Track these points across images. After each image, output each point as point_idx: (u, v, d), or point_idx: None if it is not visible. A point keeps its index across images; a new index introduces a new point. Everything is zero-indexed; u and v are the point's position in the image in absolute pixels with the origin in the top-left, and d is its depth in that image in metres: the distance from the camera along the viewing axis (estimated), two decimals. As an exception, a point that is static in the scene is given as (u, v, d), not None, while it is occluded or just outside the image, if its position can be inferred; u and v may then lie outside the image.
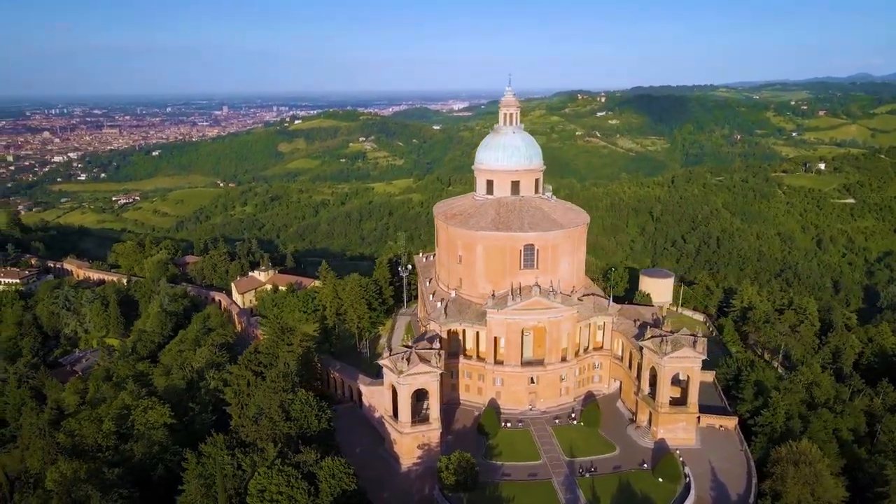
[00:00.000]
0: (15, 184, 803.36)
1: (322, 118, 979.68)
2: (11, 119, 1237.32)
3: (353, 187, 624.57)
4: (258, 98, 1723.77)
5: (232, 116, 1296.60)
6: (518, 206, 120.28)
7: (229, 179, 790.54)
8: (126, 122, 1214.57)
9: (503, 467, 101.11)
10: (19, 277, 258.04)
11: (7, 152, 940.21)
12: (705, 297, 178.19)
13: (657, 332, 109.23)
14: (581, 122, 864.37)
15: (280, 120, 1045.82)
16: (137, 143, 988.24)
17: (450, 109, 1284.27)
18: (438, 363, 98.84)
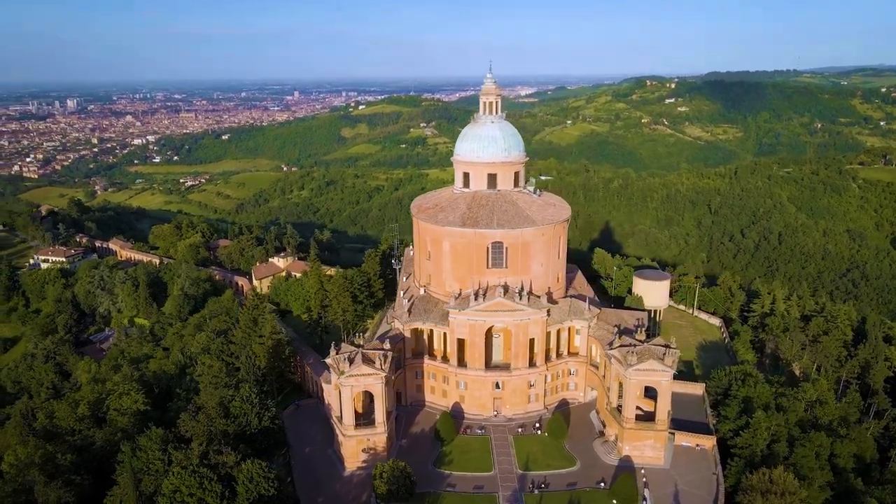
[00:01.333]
0: (97, 165, 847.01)
1: (385, 103, 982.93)
2: (100, 103, 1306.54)
3: (408, 173, 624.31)
4: (328, 83, 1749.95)
5: (302, 101, 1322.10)
6: (492, 200, 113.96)
7: (292, 163, 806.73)
8: (203, 106, 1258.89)
9: (450, 477, 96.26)
10: (65, 256, 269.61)
11: (93, 135, 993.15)
12: (726, 300, 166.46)
13: (627, 340, 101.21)
14: (648, 109, 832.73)
15: (345, 105, 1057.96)
16: (211, 126, 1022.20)
17: (516, 95, 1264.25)
18: (384, 365, 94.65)
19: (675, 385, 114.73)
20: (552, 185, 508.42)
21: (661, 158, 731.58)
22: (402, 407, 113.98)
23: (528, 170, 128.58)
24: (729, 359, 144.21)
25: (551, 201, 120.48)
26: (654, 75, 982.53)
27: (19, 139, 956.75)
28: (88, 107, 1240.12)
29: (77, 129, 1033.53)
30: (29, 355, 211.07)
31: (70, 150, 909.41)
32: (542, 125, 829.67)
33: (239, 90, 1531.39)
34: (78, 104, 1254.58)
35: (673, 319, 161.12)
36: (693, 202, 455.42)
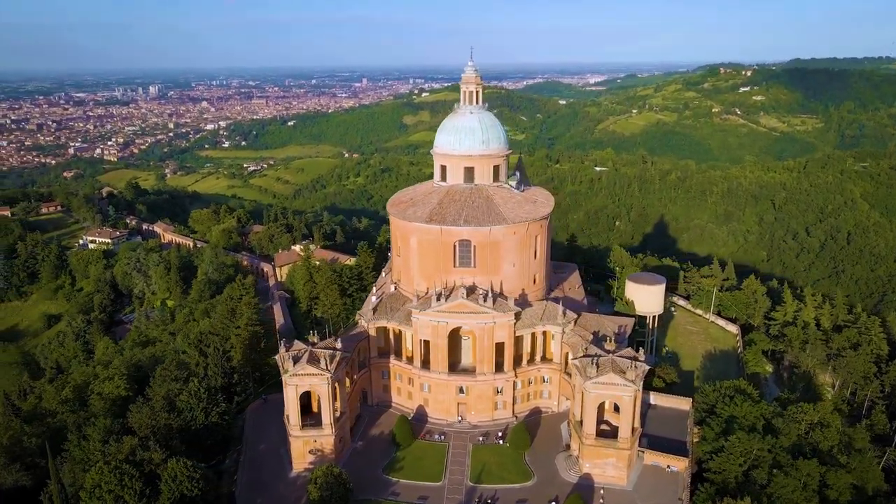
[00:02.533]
0: (171, 149, 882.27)
1: (448, 91, 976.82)
2: (179, 89, 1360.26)
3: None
4: (396, 71, 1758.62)
5: (369, 88, 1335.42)
6: (465, 195, 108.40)
7: (354, 150, 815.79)
8: (274, 92, 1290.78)
9: (397, 485, 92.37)
10: (110, 237, 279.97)
11: (170, 120, 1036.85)
12: (748, 306, 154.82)
13: (593, 350, 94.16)
14: (720, 98, 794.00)
15: (409, 92, 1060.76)
16: (280, 113, 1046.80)
17: (585, 83, 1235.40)
18: (330, 366, 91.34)
19: (661, 398, 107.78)
20: (606, 176, 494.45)
21: (732, 150, 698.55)
22: (367, 407, 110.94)
23: (530, 163, 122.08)
24: (738, 371, 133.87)
25: (533, 197, 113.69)
26: (731, 62, 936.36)
27: (104, 123, 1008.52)
28: (169, 93, 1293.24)
29: (156, 114, 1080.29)
30: (62, 332, 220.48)
31: (148, 134, 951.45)
32: (606, 114, 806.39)
33: (310, 77, 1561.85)
34: (159, 90, 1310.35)
35: (685, 325, 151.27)
36: (756, 197, 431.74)
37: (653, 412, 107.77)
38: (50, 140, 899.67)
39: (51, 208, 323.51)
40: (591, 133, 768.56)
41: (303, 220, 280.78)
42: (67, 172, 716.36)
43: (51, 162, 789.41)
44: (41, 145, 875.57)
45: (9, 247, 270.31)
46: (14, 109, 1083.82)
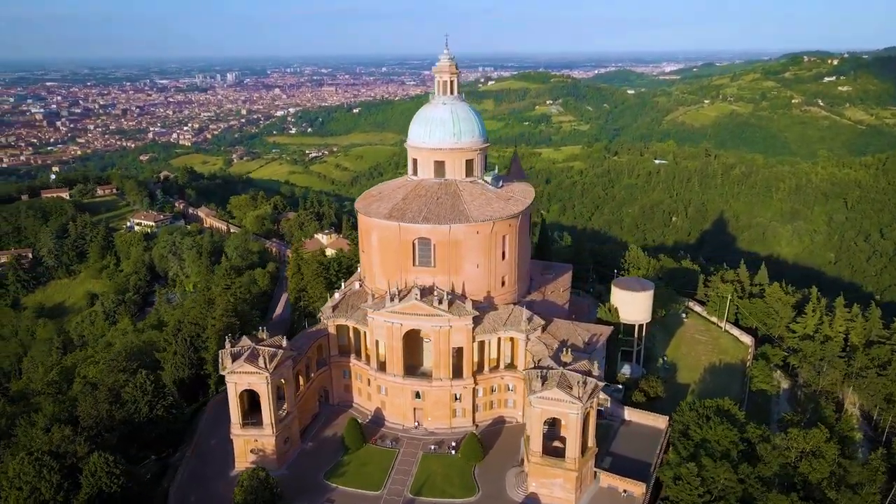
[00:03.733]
0: (241, 134, 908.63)
1: (513, 80, 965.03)
2: (255, 77, 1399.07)
3: (520, 151, 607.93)
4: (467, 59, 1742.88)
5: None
6: (432, 191, 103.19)
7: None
8: (345, 80, 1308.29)
9: (335, 492, 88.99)
10: (154, 220, 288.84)
11: (243, 106, 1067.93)
12: (767, 315, 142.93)
13: (547, 361, 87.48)
14: (801, 88, 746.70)
15: (474, 81, 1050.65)
16: (348, 100, 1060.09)
17: (660, 72, 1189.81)
18: (269, 364, 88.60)
19: (637, 414, 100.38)
20: (665, 169, 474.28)
21: (811, 143, 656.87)
22: (329, 406, 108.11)
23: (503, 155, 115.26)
24: (741, 387, 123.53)
25: (508, 194, 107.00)
26: (817, 51, 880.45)
27: (182, 109, 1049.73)
28: (245, 80, 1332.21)
29: (231, 100, 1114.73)
30: (93, 311, 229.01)
31: (222, 120, 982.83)
32: (675, 104, 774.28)
33: (380, 65, 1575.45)
34: (236, 77, 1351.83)
35: (694, 334, 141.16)
36: (826, 195, 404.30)
37: (625, 429, 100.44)
38: (132, 125, 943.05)
39: (106, 191, 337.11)
40: (658, 124, 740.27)
41: (343, 209, 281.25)
42: (143, 156, 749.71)
43: (130, 145, 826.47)
44: (124, 129, 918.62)
45: (61, 227, 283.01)
46: (103, 95, 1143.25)
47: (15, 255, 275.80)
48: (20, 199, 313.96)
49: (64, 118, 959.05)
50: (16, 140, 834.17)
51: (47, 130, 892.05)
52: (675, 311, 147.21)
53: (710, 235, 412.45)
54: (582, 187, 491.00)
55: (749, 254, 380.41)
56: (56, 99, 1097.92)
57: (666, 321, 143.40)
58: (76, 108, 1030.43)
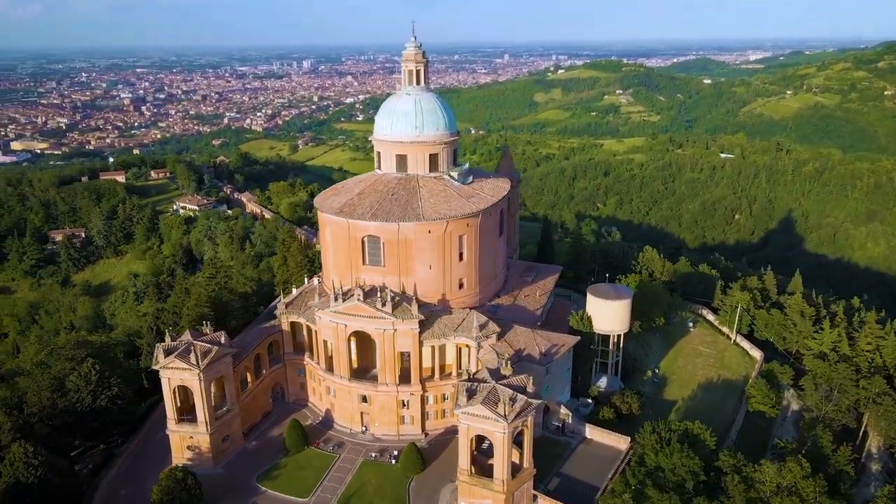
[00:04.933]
0: (311, 121, 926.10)
1: (583, 69, 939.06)
2: (330, 64, 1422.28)
3: (582, 142, 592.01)
4: (540, 46, 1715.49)
5: (510, 65, 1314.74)
6: (390, 186, 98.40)
7: (481, 127, 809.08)
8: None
9: (263, 495, 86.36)
10: (197, 205, 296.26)
11: (315, 93, 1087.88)
12: (785, 328, 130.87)
13: (484, 374, 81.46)
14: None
15: (544, 70, 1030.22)
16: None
17: (743, 60, 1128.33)
18: (201, 361, 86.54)
19: (599, 433, 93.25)
20: (730, 164, 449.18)
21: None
22: (284, 404, 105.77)
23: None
24: (737, 407, 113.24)
25: (474, 192, 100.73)
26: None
27: (258, 95, 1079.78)
28: (320, 67, 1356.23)
29: (304, 87, 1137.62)
30: (125, 291, 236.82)
31: (293, 106, 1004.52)
32: (754, 95, 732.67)
33: (453, 53, 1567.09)
34: (311, 65, 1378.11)
35: (698, 345, 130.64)
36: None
37: (584, 448, 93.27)
38: (210, 110, 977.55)
39: (160, 174, 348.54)
40: (733, 116, 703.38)
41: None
42: (216, 140, 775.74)
43: (206, 130, 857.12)
44: (202, 115, 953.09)
45: (112, 208, 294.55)
46: (186, 81, 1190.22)
47: (69, 234, 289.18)
48: (80, 180, 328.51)
49: (149, 103, 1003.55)
50: (104, 123, 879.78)
51: (133, 115, 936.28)
52: (681, 319, 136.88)
53: (775, 235, 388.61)
54: (641, 181, 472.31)
55: (816, 256, 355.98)
56: (144, 85, 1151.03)
57: (669, 330, 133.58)
58: (161, 94, 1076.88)
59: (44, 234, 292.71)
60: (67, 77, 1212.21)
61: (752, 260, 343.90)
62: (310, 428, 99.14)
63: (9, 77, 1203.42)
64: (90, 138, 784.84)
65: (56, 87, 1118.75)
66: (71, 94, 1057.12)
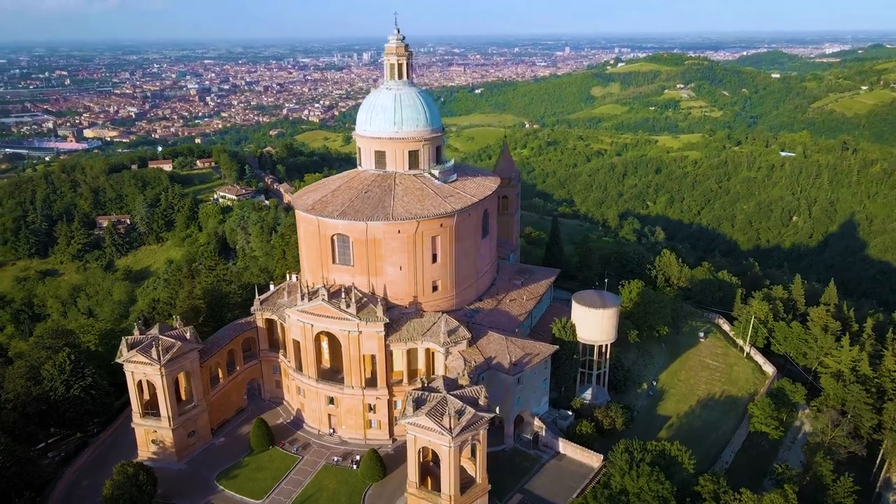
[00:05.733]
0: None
1: (643, 62, 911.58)
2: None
3: (636, 138, 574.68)
4: (603, 39, 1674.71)
5: (570, 57, 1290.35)
6: (366, 183, 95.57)
7: (536, 121, 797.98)
8: (475, 60, 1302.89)
9: (219, 495, 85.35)
10: (236, 194, 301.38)
11: (374, 85, 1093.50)
12: (804, 342, 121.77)
13: (439, 383, 77.73)
14: None
15: (603, 63, 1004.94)
16: (475, 80, 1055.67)
17: (819, 54, 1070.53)
18: (163, 357, 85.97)
19: (572, 449, 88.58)
20: (790, 163, 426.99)
21: None
22: (261, 401, 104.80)
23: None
24: (736, 426, 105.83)
25: (453, 191, 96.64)
26: None
27: (317, 87, 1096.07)
28: (379, 59, 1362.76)
29: (363, 79, 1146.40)
30: (157, 277, 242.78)
31: (351, 97, 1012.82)
32: (826, 90, 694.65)
33: (513, 45, 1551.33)
34: (371, 57, 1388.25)
35: (706, 357, 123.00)
36: None
37: (555, 464, 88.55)
38: (271, 101, 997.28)
39: (205, 164, 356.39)
40: (802, 112, 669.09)
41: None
42: (273, 131, 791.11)
43: (264, 120, 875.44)
44: (263, 105, 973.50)
45: (155, 196, 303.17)
46: (250, 73, 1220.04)
47: (114, 220, 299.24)
48: (129, 168, 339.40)
49: (213, 94, 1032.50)
50: (170, 113, 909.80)
51: (198, 105, 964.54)
52: (691, 328, 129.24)
53: (835, 239, 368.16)
54: (693, 179, 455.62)
55: (879, 263, 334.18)
56: (210, 76, 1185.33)
57: (677, 340, 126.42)
58: (225, 85, 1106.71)
59: (91, 220, 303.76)
60: (140, 68, 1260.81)
61: (809, 264, 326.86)
62: (280, 427, 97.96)
63: (87, 67, 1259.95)
64: (156, 127, 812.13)
65: (129, 77, 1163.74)
66: (142, 85, 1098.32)
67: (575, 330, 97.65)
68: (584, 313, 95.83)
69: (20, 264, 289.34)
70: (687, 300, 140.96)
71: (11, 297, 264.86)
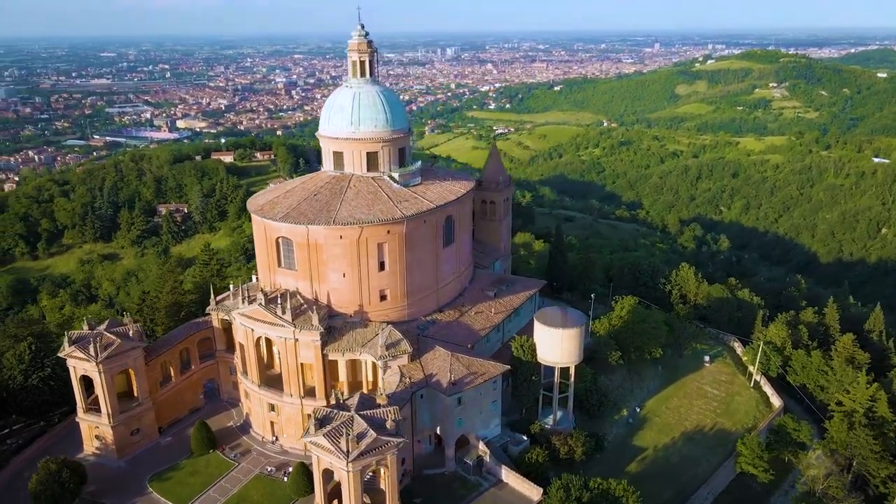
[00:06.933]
0: (443, 108, 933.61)
1: (734, 59, 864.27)
2: (473, 51, 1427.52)
3: (714, 139, 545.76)
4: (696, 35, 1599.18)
5: (659, 54, 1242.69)
6: (319, 185, 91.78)
7: (615, 119, 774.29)
8: (559, 56, 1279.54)
9: (142, 498, 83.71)
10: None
11: (454, 80, 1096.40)
12: (822, 375, 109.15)
13: (353, 401, 73.03)
14: None
15: (691, 60, 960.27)
16: (557, 77, 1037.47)
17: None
18: (100, 353, 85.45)
19: (514, 479, 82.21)
20: (883, 170, 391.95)
21: None
22: (219, 402, 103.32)
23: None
24: (717, 465, 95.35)
25: (409, 196, 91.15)
26: None
27: (398, 82, 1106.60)
28: (463, 55, 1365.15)
29: (444, 74, 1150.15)
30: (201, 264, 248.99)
31: (430, 93, 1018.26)
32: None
33: (599, 42, 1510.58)
34: (455, 52, 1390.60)
35: (705, 384, 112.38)
36: None
37: (494, 493, 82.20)
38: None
39: (265, 156, 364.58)
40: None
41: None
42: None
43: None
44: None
45: (211, 186, 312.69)
46: (336, 67, 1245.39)
47: (172, 209, 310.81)
48: (193, 159, 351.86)
49: (299, 87, 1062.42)
50: (257, 105, 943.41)
51: (283, 98, 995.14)
52: (693, 351, 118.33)
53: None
54: (773, 184, 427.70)
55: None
56: (298, 70, 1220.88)
57: (679, 364, 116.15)
58: (311, 79, 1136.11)
59: (152, 208, 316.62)
60: (234, 62, 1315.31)
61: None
62: (228, 430, 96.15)
63: (187, 61, 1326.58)
64: (242, 119, 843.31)
65: (223, 71, 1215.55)
66: (234, 78, 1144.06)
67: (535, 349, 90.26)
68: (544, 332, 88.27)
69: (86, 247, 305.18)
70: (701, 320, 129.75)
71: (73, 279, 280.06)
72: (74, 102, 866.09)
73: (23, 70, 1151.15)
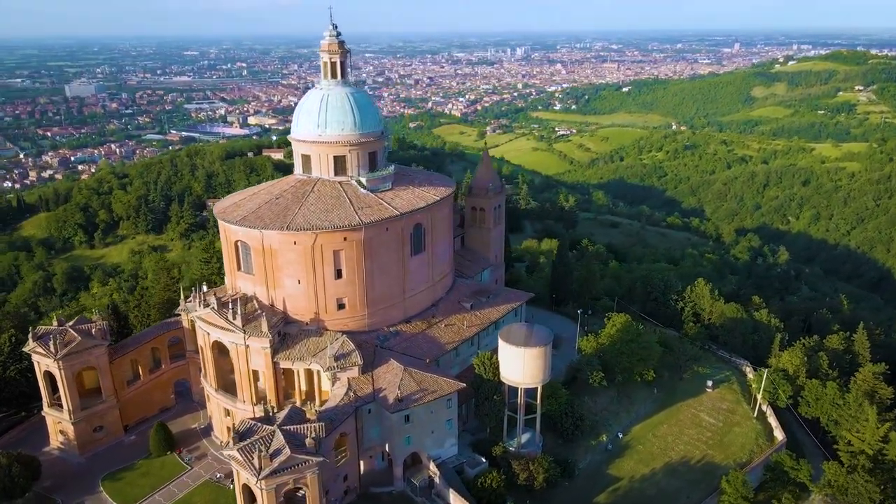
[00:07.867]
0: (508, 108, 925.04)
1: (817, 60, 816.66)
2: (544, 51, 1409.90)
3: (788, 145, 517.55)
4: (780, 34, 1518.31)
5: (739, 55, 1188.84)
6: (285, 189, 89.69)
7: (685, 122, 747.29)
8: (632, 56, 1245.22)
9: (92, 497, 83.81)
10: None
11: (522, 80, 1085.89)
12: (834, 408, 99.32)
13: (282, 416, 70.22)
14: None
15: (770, 61, 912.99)
16: (628, 77, 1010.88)
17: None
18: (60, 350, 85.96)
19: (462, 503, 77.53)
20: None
21: None
22: (188, 401, 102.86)
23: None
24: (690, 502, 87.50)
25: (379, 202, 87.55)
26: None
27: (465, 81, 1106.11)
28: (533, 55, 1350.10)
29: (512, 74, 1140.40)
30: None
31: (496, 93, 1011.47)
32: None
33: (675, 41, 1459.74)
34: (525, 52, 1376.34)
35: (704, 413, 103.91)
36: None
37: (440, 519, 77.53)
38: (418, 94, 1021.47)
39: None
40: None
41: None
42: (412, 123, 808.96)
43: (409, 113, 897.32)
44: (410, 98, 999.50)
45: (257, 183, 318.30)
46: (405, 66, 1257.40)
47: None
48: (246, 155, 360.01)
49: (367, 86, 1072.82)
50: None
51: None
52: (694, 375, 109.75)
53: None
54: (847, 194, 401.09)
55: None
56: (367, 69, 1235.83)
57: (678, 387, 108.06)
58: (380, 78, 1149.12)
59: (202, 202, 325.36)
60: (308, 61, 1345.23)
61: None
62: (191, 432, 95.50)
63: (263, 60, 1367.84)
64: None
65: (297, 69, 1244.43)
66: (307, 76, 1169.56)
67: (498, 368, 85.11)
68: (507, 351, 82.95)
69: (138, 238, 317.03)
70: (713, 340, 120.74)
71: (123, 269, 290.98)
72: (157, 98, 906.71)
73: (113, 67, 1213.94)
